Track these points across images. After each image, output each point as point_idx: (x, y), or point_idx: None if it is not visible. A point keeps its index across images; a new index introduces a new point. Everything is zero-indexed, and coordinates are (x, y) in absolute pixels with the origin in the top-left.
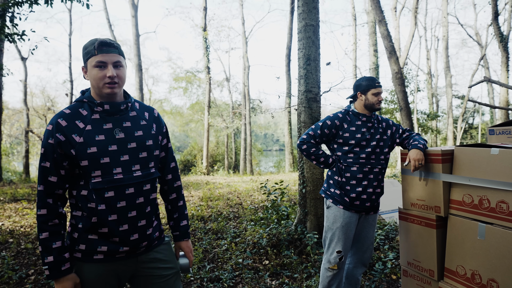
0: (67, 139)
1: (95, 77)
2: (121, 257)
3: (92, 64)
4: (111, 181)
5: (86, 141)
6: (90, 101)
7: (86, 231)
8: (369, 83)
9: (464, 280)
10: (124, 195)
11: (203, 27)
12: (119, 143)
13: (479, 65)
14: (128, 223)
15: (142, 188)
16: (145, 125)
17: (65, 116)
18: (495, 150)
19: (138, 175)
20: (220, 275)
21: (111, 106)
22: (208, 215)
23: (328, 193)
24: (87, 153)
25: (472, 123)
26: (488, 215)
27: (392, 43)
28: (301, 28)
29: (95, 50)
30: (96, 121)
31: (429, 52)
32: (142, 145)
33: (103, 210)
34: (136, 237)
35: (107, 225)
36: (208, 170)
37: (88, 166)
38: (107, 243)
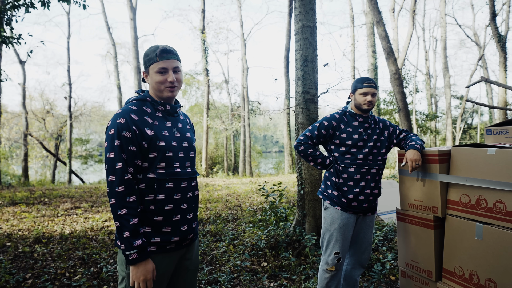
0: (140, 132)
1: (157, 82)
2: (171, 248)
3: (154, 70)
4: (172, 173)
5: (156, 134)
6: (153, 101)
7: (141, 223)
8: (357, 83)
9: (462, 281)
10: (180, 188)
11: (202, 29)
12: (177, 140)
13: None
14: (180, 214)
15: (191, 184)
16: (189, 129)
17: (135, 112)
18: (492, 150)
19: (189, 171)
20: (218, 278)
21: (171, 107)
22: (206, 217)
23: (326, 194)
24: (157, 145)
25: (471, 124)
26: (486, 215)
27: (390, 44)
28: (298, 29)
29: (157, 56)
30: (160, 119)
31: (428, 53)
32: (191, 145)
33: (162, 200)
34: (185, 228)
35: (163, 213)
36: (207, 172)
37: (156, 158)
38: (159, 235)
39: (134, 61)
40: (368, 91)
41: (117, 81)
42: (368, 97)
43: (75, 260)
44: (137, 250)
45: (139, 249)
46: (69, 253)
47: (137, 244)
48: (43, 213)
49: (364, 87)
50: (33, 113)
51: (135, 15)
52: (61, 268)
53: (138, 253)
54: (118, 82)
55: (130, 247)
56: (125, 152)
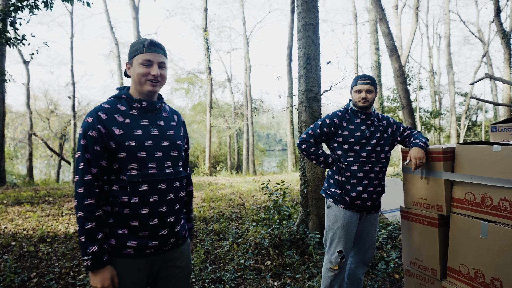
0: (107, 131)
1: (139, 74)
2: (150, 253)
3: (139, 61)
4: (146, 175)
5: (125, 134)
6: (129, 98)
7: (116, 225)
8: (352, 81)
9: (467, 279)
10: (157, 190)
11: (204, 28)
12: (154, 139)
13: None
14: (159, 218)
15: (172, 185)
16: (175, 126)
17: (105, 110)
18: (497, 147)
19: (170, 172)
20: (222, 276)
21: (148, 103)
22: (210, 216)
23: (329, 192)
24: (126, 145)
25: (476, 121)
26: (491, 213)
27: (393, 41)
28: (300, 27)
29: (144, 48)
30: (134, 117)
31: (431, 50)
32: (173, 144)
33: (136, 203)
34: (165, 232)
35: (139, 218)
36: (210, 171)
37: (126, 159)
38: (136, 238)
39: None
40: (361, 88)
41: (120, 80)
42: (362, 94)
43: (79, 259)
44: (91, 257)
45: (93, 256)
46: (74, 252)
47: (92, 250)
48: (48, 213)
49: (358, 85)
50: (37, 113)
51: (138, 14)
52: (65, 267)
53: (92, 260)
54: (121, 81)
55: (84, 252)
56: (90, 152)
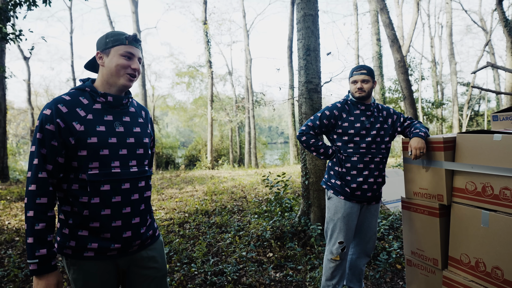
0: (67, 126)
1: (119, 65)
2: (113, 255)
3: (119, 51)
4: (109, 174)
5: (87, 130)
6: (93, 91)
7: (76, 226)
8: (350, 73)
9: (468, 268)
10: (120, 190)
11: (204, 20)
12: (118, 136)
13: (484, 51)
14: (122, 220)
15: (137, 185)
16: (142, 123)
17: (65, 102)
18: (498, 136)
19: (135, 171)
20: (224, 269)
21: (114, 98)
22: (212, 209)
23: (329, 184)
24: (87, 143)
25: (478, 110)
26: (492, 202)
27: (394, 31)
28: (300, 18)
29: (127, 40)
30: (97, 112)
31: (433, 40)
32: (139, 141)
33: (96, 204)
34: (128, 234)
35: (99, 219)
36: (212, 165)
37: (86, 157)
38: (98, 240)
39: None
40: (357, 78)
41: None
42: (358, 85)
43: None
44: (38, 260)
45: (40, 260)
46: None
47: (40, 254)
48: None
49: (353, 75)
50: (39, 109)
51: (137, 8)
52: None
53: (38, 264)
54: None
55: (31, 255)
56: (46, 147)
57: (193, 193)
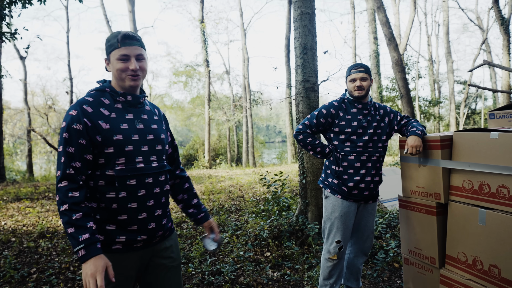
0: (94, 125)
1: (118, 69)
2: (139, 247)
3: (115, 57)
4: (134, 169)
5: (112, 128)
6: (113, 91)
7: (104, 221)
8: (346, 71)
9: (466, 267)
10: (144, 184)
11: (201, 19)
12: (140, 133)
13: (480, 50)
14: (147, 212)
15: (158, 179)
16: (157, 120)
17: (89, 103)
18: (495, 134)
19: (156, 165)
20: (222, 268)
21: (133, 97)
22: (209, 209)
23: (326, 183)
24: (114, 140)
25: (475, 109)
26: (489, 201)
27: (391, 30)
28: (296, 16)
29: (118, 43)
30: (119, 110)
31: (430, 38)
32: (158, 137)
33: (124, 198)
34: (153, 226)
35: (127, 212)
36: (210, 164)
37: (113, 153)
38: (125, 233)
39: None
40: (355, 77)
41: None
42: (357, 83)
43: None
44: (84, 244)
45: (86, 244)
46: None
47: (84, 238)
48: (48, 208)
49: (351, 74)
50: (35, 109)
51: (134, 7)
52: (65, 263)
53: (85, 248)
54: None
55: (76, 243)
56: (73, 145)
57: None
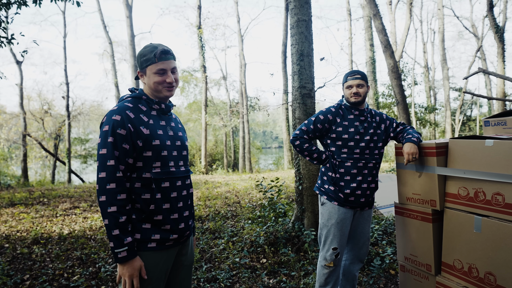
0: (136, 130)
1: (156, 82)
2: (170, 245)
3: (152, 71)
4: (168, 172)
5: (151, 133)
6: (149, 99)
7: (139, 221)
8: (343, 78)
9: (462, 274)
10: (175, 187)
11: (198, 25)
12: (171, 139)
13: (475, 57)
14: (178, 213)
15: (185, 182)
16: (182, 128)
17: (131, 109)
18: (490, 141)
19: (183, 170)
20: (217, 275)
21: (166, 106)
22: (205, 215)
23: (322, 189)
24: (153, 144)
25: (470, 115)
26: (484, 208)
27: (387, 37)
28: (293, 23)
29: (156, 58)
30: (155, 117)
31: (426, 45)
32: (184, 144)
33: (159, 199)
34: (182, 226)
35: (162, 212)
36: (206, 169)
37: (151, 157)
38: (159, 232)
39: (131, 59)
40: (352, 83)
41: (114, 79)
42: (353, 89)
43: (73, 260)
44: (127, 247)
45: (129, 247)
46: (68, 254)
47: (128, 241)
48: (42, 214)
49: (348, 80)
50: (31, 114)
51: (131, 12)
52: (59, 269)
53: (128, 251)
54: (115, 80)
55: (120, 244)
56: (118, 150)
57: None
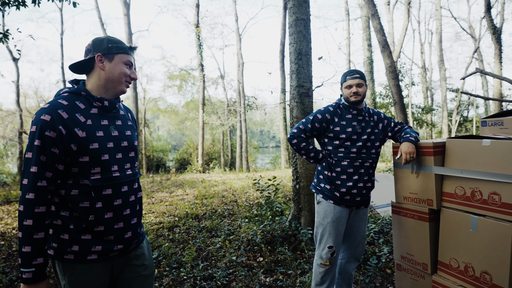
0: (69, 133)
1: (122, 73)
2: (114, 256)
3: (123, 60)
4: (110, 178)
5: (88, 136)
6: (88, 95)
7: (78, 231)
8: (341, 78)
9: (458, 273)
10: (120, 193)
11: (196, 24)
12: (114, 140)
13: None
14: (123, 221)
15: (133, 187)
16: (131, 125)
17: (65, 108)
18: (487, 141)
19: (130, 173)
20: (214, 273)
21: (109, 103)
22: (202, 213)
23: (318, 188)
24: (90, 148)
25: (467, 116)
26: (481, 207)
27: (385, 37)
28: (292, 22)
29: (129, 50)
30: (95, 116)
31: (423, 46)
32: (131, 145)
33: (100, 208)
34: (129, 235)
35: (104, 223)
36: (204, 168)
37: (89, 162)
38: (101, 242)
39: None
40: (351, 83)
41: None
42: (353, 89)
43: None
44: (35, 269)
45: (37, 269)
46: None
47: (37, 262)
48: None
49: (347, 80)
50: (27, 111)
51: (129, 10)
52: None
53: (34, 273)
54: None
55: (27, 264)
56: (45, 154)
57: (184, 197)
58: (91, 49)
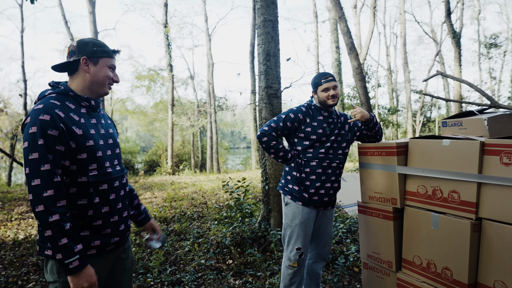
0: (68, 131)
1: (106, 76)
2: (111, 249)
3: (107, 63)
4: (105, 174)
5: (84, 133)
6: (76, 95)
7: (77, 228)
8: (316, 81)
9: (421, 270)
10: (113, 188)
11: (164, 23)
12: (103, 138)
13: (435, 61)
14: (118, 214)
15: (122, 182)
16: (111, 124)
17: (60, 108)
18: (447, 141)
19: (119, 169)
20: (182, 278)
21: (95, 102)
22: (171, 216)
23: (286, 189)
24: (86, 146)
25: (430, 117)
26: (441, 205)
27: (352, 39)
28: (260, 23)
29: (113, 54)
30: (85, 115)
31: (389, 49)
32: (115, 141)
33: (98, 203)
34: (123, 227)
35: (101, 217)
36: (173, 170)
37: (86, 159)
38: (99, 237)
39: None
40: (328, 86)
41: None
42: (331, 92)
43: (28, 266)
44: (79, 256)
45: (80, 255)
46: (23, 260)
47: (78, 249)
48: None
49: (323, 83)
50: None
51: (95, 8)
52: (13, 276)
53: (79, 259)
54: None
55: (70, 254)
56: (52, 153)
57: (152, 200)
58: (76, 51)
